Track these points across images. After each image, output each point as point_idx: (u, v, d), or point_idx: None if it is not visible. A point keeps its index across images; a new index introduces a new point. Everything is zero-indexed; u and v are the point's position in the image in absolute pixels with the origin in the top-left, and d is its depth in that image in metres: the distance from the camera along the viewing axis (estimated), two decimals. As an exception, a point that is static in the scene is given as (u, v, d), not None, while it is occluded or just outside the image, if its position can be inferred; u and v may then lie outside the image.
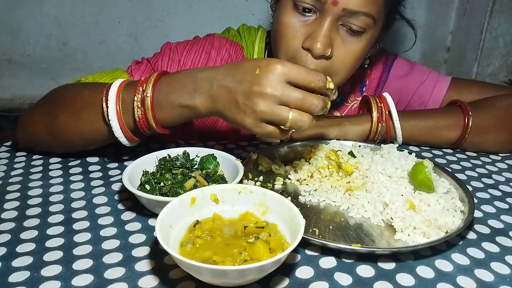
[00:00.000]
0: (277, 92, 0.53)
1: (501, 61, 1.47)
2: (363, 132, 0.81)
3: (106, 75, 0.80)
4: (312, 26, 0.73)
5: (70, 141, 0.70)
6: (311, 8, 0.72)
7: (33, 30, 1.49)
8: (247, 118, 0.55)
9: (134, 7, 1.50)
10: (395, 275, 0.48)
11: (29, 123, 0.73)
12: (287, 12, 0.74)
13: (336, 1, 0.69)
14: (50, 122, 0.69)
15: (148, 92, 0.60)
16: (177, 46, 0.87)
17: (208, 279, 0.43)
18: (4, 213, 0.58)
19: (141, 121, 0.62)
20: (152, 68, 0.83)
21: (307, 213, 0.58)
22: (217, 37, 0.90)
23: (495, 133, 0.80)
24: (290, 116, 0.53)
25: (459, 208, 0.57)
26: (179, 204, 0.50)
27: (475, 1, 1.48)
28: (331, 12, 0.70)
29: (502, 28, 1.41)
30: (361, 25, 0.72)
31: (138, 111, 0.61)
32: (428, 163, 0.59)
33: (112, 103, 0.62)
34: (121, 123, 0.63)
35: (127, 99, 0.62)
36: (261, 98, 0.53)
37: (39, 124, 0.70)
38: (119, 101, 0.62)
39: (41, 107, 0.72)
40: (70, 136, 0.69)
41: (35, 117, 0.72)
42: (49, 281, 0.46)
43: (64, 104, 0.69)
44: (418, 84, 0.91)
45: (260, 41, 0.91)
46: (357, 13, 0.71)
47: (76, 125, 0.67)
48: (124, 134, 0.64)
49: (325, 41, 0.71)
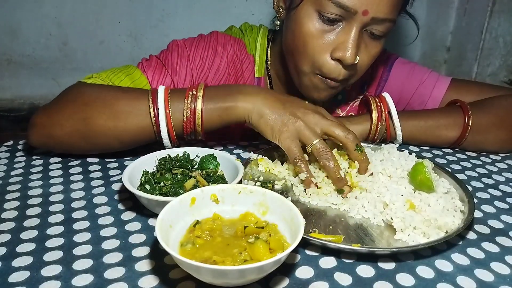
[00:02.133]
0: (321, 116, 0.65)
1: (501, 61, 1.47)
2: (363, 131, 0.81)
3: (119, 72, 0.80)
4: (340, 36, 0.72)
5: (106, 144, 0.69)
6: (339, 18, 0.71)
7: (33, 30, 1.49)
8: (286, 126, 0.63)
9: (134, 7, 1.51)
10: (395, 275, 0.48)
11: (51, 125, 0.69)
12: (311, 21, 0.72)
13: (366, 11, 0.69)
14: (82, 124, 0.67)
15: (200, 94, 0.66)
16: (185, 42, 0.87)
17: (208, 279, 0.43)
18: (4, 213, 0.58)
19: (188, 122, 0.66)
20: (163, 65, 0.83)
21: (307, 213, 0.59)
22: (221, 34, 0.90)
23: (495, 133, 0.80)
24: (316, 141, 0.61)
25: (459, 208, 0.57)
26: (179, 204, 0.50)
27: (475, 1, 1.48)
28: (359, 21, 0.70)
29: (502, 28, 1.41)
30: (384, 30, 0.73)
31: (187, 112, 0.66)
32: (428, 163, 0.59)
33: (161, 106, 0.66)
34: (169, 125, 0.66)
35: (175, 102, 0.66)
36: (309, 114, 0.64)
37: (66, 127, 0.68)
38: (168, 104, 0.66)
39: (65, 109, 0.69)
40: (107, 139, 0.68)
41: (58, 119, 0.68)
42: (49, 281, 0.46)
43: (100, 106, 0.67)
44: (418, 84, 0.91)
45: (262, 38, 0.91)
46: (384, 21, 0.71)
47: (115, 128, 0.67)
48: (170, 135, 0.67)
49: (355, 51, 0.72)
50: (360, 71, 0.78)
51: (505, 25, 1.41)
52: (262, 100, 0.65)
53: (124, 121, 0.67)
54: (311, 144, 0.61)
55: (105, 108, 0.67)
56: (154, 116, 0.66)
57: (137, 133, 0.68)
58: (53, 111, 0.69)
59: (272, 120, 0.64)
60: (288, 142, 0.62)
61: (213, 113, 0.67)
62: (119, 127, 0.67)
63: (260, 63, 0.91)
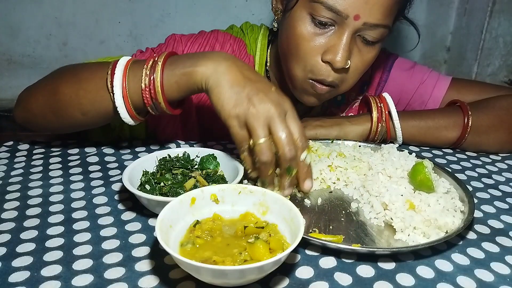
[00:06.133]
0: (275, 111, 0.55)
1: (501, 61, 1.47)
2: (363, 132, 0.81)
3: (110, 60, 0.80)
4: (332, 39, 0.72)
5: (70, 115, 0.68)
6: (331, 22, 0.71)
7: (33, 30, 1.49)
8: (237, 110, 0.56)
9: (134, 7, 1.50)
10: (395, 275, 0.48)
11: (28, 98, 0.71)
12: (304, 24, 0.72)
13: (358, 16, 0.68)
14: (50, 95, 0.67)
15: (161, 60, 0.61)
16: (182, 37, 0.87)
17: (208, 279, 0.43)
18: (4, 213, 0.58)
19: (147, 90, 0.61)
20: None
21: (307, 213, 0.58)
22: (221, 32, 0.90)
23: (495, 133, 0.80)
24: (262, 140, 0.55)
25: (459, 208, 0.57)
26: (179, 204, 0.50)
27: (475, 1, 1.48)
28: (351, 26, 0.70)
29: (502, 28, 1.41)
30: (377, 36, 0.73)
31: (145, 80, 0.61)
32: (428, 163, 0.59)
33: (119, 71, 0.62)
34: (124, 92, 0.62)
35: (135, 69, 0.62)
36: (262, 104, 0.55)
37: (39, 99, 0.69)
38: (127, 70, 0.62)
39: (41, 82, 0.72)
40: (70, 109, 0.67)
41: (35, 91, 0.71)
42: (49, 281, 0.46)
43: (66, 76, 0.68)
44: (418, 83, 0.91)
45: (263, 38, 0.91)
46: (377, 26, 0.71)
47: (76, 95, 0.66)
48: (126, 105, 0.63)
49: (346, 55, 0.71)
50: (354, 76, 0.77)
51: (505, 25, 1.41)
52: (224, 69, 0.59)
53: (84, 88, 0.65)
54: (256, 142, 0.55)
55: (71, 77, 0.68)
56: (110, 82, 0.62)
57: (96, 101, 0.65)
58: (33, 86, 0.73)
59: (226, 96, 0.57)
60: (235, 130, 0.57)
61: (170, 80, 0.62)
62: (79, 94, 0.66)
63: (260, 63, 0.90)
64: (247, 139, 0.57)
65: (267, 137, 0.55)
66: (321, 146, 0.72)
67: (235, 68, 0.59)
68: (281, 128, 0.55)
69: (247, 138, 0.57)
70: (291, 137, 0.55)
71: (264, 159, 0.55)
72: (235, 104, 0.57)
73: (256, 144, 0.55)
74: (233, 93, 0.57)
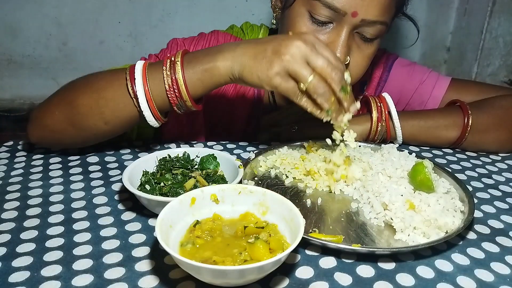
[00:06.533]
0: (306, 47, 0.57)
1: (501, 61, 1.47)
2: (363, 132, 0.81)
3: (118, 68, 0.80)
4: (330, 36, 0.72)
5: (92, 126, 0.67)
6: (329, 19, 0.71)
7: (33, 30, 1.49)
8: (275, 67, 0.57)
9: (134, 7, 1.51)
10: (395, 275, 0.48)
11: (43, 115, 0.70)
12: (302, 21, 0.73)
13: (356, 13, 0.69)
14: (68, 108, 0.67)
15: (178, 59, 0.62)
16: (184, 41, 0.88)
17: (208, 279, 0.43)
18: (4, 213, 0.58)
19: (171, 91, 0.62)
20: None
21: (307, 213, 0.59)
22: (221, 33, 0.91)
23: (494, 133, 0.80)
24: (310, 78, 0.57)
25: (459, 208, 0.57)
26: (179, 204, 0.50)
27: (475, 1, 1.48)
28: (349, 23, 0.70)
29: (502, 28, 1.42)
30: (375, 33, 0.73)
31: (167, 80, 0.62)
32: (428, 163, 0.59)
33: (139, 76, 0.63)
34: (148, 95, 0.63)
35: (154, 72, 0.63)
36: (291, 48, 0.57)
37: (55, 114, 0.68)
38: (146, 74, 0.63)
39: (56, 97, 0.71)
40: (91, 120, 0.66)
41: (49, 107, 0.70)
42: (49, 281, 0.46)
43: (82, 87, 0.68)
44: (418, 83, 0.91)
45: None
46: (374, 23, 0.71)
47: (97, 105, 0.65)
48: (150, 108, 0.64)
49: (345, 51, 0.72)
50: (357, 72, 0.77)
51: (505, 25, 1.41)
52: (240, 51, 0.61)
53: (104, 96, 0.65)
54: (306, 82, 0.57)
55: (87, 88, 0.67)
56: (131, 88, 0.63)
57: (118, 109, 0.65)
58: (46, 102, 0.72)
59: (255, 68, 0.59)
60: (283, 86, 0.58)
61: (192, 78, 0.63)
62: (100, 103, 0.65)
63: None
64: (297, 87, 0.58)
65: (312, 73, 0.57)
66: (321, 146, 0.72)
67: (248, 44, 0.61)
68: (320, 59, 0.57)
69: (296, 86, 0.58)
70: (330, 63, 0.58)
71: (321, 91, 0.57)
72: (267, 67, 0.58)
73: (308, 84, 0.57)
74: (259, 60, 0.59)
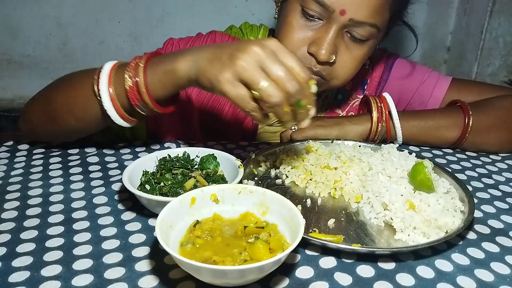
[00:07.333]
0: (263, 53, 0.52)
1: (501, 61, 1.47)
2: (363, 132, 0.81)
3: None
4: (318, 32, 0.73)
5: (64, 122, 0.70)
6: (319, 15, 0.72)
7: (33, 30, 1.49)
8: (225, 72, 0.53)
9: (134, 7, 1.51)
10: (395, 275, 0.48)
11: (28, 110, 0.75)
12: (294, 15, 0.74)
13: (344, 11, 0.69)
14: (45, 104, 0.71)
15: (143, 62, 0.62)
16: (179, 41, 0.88)
17: (208, 279, 0.43)
18: (4, 213, 0.58)
19: (132, 91, 0.62)
20: None
21: (307, 213, 0.59)
22: (219, 33, 0.90)
23: (495, 133, 0.80)
24: (265, 84, 0.51)
25: (459, 208, 0.57)
26: (179, 204, 0.50)
27: (475, 1, 1.48)
28: (337, 21, 0.71)
29: (502, 28, 1.41)
30: (365, 35, 0.73)
31: (129, 81, 0.62)
32: (428, 163, 0.59)
33: (104, 76, 0.63)
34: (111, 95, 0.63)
35: (120, 73, 0.63)
36: (246, 53, 0.52)
37: (36, 108, 0.73)
38: (112, 75, 0.63)
39: (39, 93, 0.75)
40: (64, 116, 0.69)
41: (33, 102, 0.75)
42: (49, 281, 0.46)
43: (59, 84, 0.72)
44: (419, 83, 0.91)
45: (262, 38, 0.91)
46: (363, 24, 0.72)
47: (67, 102, 0.68)
48: (115, 107, 0.64)
49: (330, 49, 0.72)
50: (345, 72, 0.77)
51: (505, 25, 1.41)
52: (201, 54, 0.58)
53: (74, 94, 0.68)
54: (257, 88, 0.51)
55: (62, 85, 0.71)
56: (96, 87, 0.63)
57: (86, 107, 0.67)
58: (32, 98, 0.76)
59: (209, 70, 0.55)
60: (232, 92, 0.53)
61: (154, 79, 0.62)
62: (69, 101, 0.68)
63: None
64: (248, 95, 0.53)
65: (267, 80, 0.51)
66: (321, 146, 0.72)
67: (210, 48, 0.58)
68: (275, 67, 0.52)
69: (247, 94, 0.53)
70: (290, 72, 0.52)
71: (274, 100, 0.51)
72: (219, 71, 0.53)
73: (260, 90, 0.51)
74: (214, 64, 0.55)
